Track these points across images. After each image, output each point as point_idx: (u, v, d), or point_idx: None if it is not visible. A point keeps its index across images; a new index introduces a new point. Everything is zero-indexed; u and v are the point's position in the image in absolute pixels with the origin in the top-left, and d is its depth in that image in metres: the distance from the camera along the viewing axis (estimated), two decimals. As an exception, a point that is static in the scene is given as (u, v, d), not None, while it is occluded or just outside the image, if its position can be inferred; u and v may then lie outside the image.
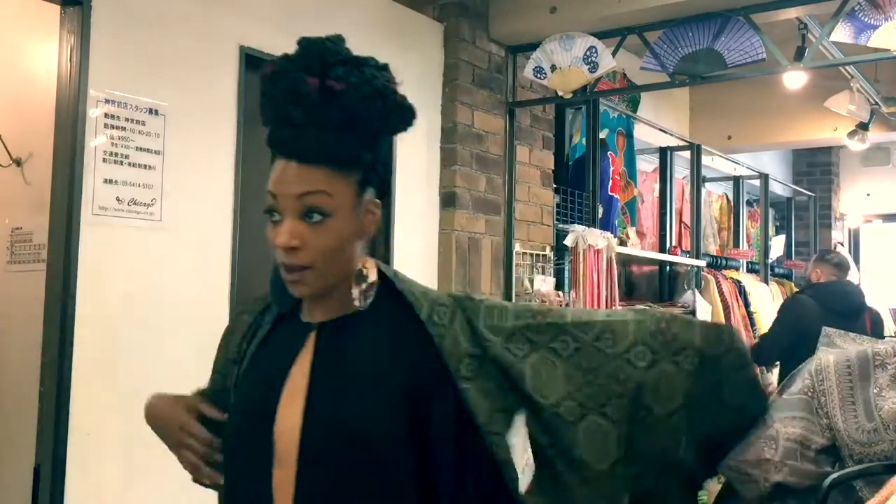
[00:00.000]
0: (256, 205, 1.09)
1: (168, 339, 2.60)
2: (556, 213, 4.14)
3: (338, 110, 1.02)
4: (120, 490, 2.50)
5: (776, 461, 1.25)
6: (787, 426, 1.26)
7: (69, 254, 2.39)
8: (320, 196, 1.04)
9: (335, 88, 1.02)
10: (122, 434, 2.45)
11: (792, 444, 1.25)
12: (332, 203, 1.04)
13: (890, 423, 1.21)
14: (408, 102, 1.10)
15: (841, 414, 1.24)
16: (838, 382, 1.27)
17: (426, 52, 3.65)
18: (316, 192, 1.04)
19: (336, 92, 1.02)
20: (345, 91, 1.02)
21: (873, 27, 3.18)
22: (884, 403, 1.23)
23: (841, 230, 8.03)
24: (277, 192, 1.05)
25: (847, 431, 1.23)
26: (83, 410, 2.40)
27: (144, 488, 2.51)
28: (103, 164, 2.49)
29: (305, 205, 1.04)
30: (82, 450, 2.40)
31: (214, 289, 2.74)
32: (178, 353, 2.57)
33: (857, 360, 1.29)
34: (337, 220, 1.05)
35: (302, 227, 1.04)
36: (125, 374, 2.49)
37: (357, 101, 1.03)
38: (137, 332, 2.54)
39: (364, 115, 1.04)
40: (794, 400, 1.30)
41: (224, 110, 2.81)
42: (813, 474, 1.23)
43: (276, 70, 1.05)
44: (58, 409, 2.36)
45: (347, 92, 1.02)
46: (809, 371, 1.32)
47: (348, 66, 1.04)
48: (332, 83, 1.02)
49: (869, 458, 1.21)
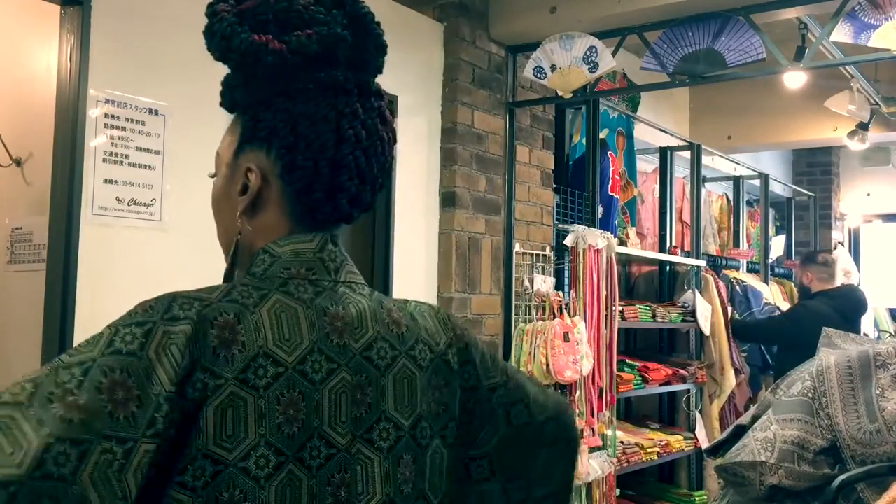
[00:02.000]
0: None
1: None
2: (556, 213, 4.14)
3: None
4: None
5: (771, 463, 1.25)
6: (785, 428, 1.26)
7: (69, 254, 2.39)
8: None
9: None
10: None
11: (789, 447, 1.25)
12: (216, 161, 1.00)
13: (893, 425, 1.21)
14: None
15: (842, 415, 1.24)
16: (839, 383, 1.27)
17: (426, 52, 3.65)
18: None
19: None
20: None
21: (873, 27, 3.18)
22: (886, 404, 1.23)
23: (841, 230, 8.03)
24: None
25: (848, 432, 1.23)
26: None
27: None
28: (103, 164, 2.49)
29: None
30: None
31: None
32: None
33: (858, 361, 1.28)
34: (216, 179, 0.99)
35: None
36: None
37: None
38: (137, 332, 2.53)
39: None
40: (794, 402, 1.30)
41: (224, 110, 2.80)
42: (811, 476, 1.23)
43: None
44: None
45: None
46: (810, 372, 1.32)
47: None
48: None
49: (871, 460, 1.20)
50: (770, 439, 1.26)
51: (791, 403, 1.31)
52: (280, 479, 0.80)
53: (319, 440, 0.83)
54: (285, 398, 0.81)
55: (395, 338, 0.94)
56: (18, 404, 0.69)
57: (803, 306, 4.93)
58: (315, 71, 0.91)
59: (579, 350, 3.74)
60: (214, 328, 0.79)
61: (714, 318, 5.01)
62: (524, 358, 3.70)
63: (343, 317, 0.89)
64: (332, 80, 0.92)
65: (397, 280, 3.41)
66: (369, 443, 0.88)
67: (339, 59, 0.92)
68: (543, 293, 3.86)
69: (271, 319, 0.83)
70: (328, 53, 0.91)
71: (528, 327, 3.75)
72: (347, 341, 0.89)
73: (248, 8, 0.91)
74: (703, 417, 4.96)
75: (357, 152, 0.92)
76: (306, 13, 0.90)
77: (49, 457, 0.67)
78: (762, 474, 1.23)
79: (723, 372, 5.01)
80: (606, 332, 4.03)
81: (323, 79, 0.91)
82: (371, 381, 0.89)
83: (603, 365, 3.97)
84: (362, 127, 0.93)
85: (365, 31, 0.95)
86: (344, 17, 0.93)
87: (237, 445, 0.78)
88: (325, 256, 0.92)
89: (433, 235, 3.64)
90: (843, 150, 7.55)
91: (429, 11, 3.74)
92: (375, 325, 0.92)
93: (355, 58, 0.94)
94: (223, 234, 0.99)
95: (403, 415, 0.92)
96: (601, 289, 4.00)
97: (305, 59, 0.90)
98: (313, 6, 0.92)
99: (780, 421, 1.28)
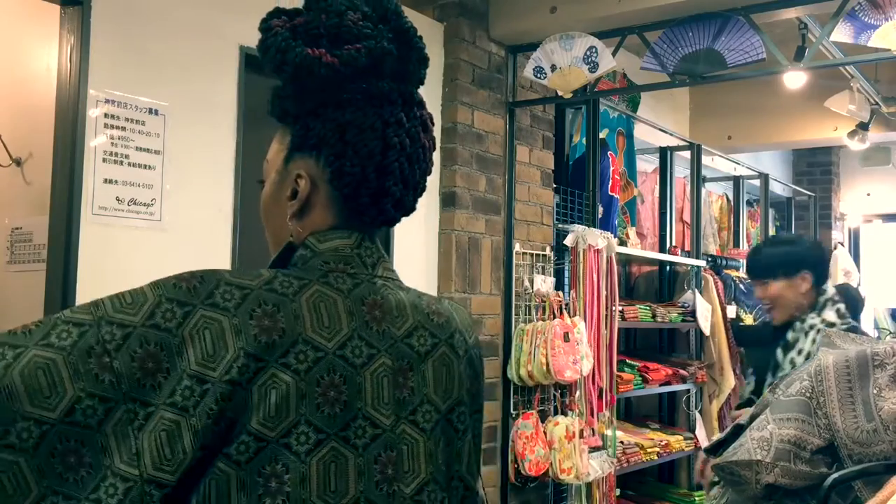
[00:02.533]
0: (256, 204, 1.08)
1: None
2: (556, 213, 4.14)
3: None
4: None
5: (767, 462, 1.25)
6: (782, 427, 1.26)
7: (69, 254, 2.39)
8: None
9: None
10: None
11: (786, 446, 1.25)
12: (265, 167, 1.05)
13: (890, 424, 1.21)
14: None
15: (840, 414, 1.24)
16: (837, 383, 1.27)
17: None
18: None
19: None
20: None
21: (873, 27, 3.18)
22: (883, 404, 1.23)
23: (841, 230, 8.03)
24: None
25: (846, 431, 1.23)
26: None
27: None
28: (103, 164, 2.49)
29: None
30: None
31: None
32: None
33: (856, 361, 1.28)
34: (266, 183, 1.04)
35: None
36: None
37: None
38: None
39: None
40: (792, 401, 1.30)
41: (224, 110, 2.81)
42: (808, 475, 1.23)
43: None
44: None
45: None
46: (809, 372, 1.32)
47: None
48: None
49: (868, 458, 1.20)
50: (766, 438, 1.26)
51: (789, 403, 1.31)
52: (322, 454, 0.86)
53: (364, 420, 0.90)
54: (325, 381, 0.87)
55: (435, 326, 1.00)
56: (62, 349, 0.79)
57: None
58: (362, 82, 0.97)
59: (579, 350, 3.74)
60: (254, 318, 0.85)
61: (714, 318, 5.01)
62: (524, 358, 3.70)
63: (381, 305, 0.96)
64: (379, 90, 0.97)
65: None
66: (413, 424, 0.94)
67: (385, 71, 0.98)
68: (543, 293, 3.86)
69: (310, 308, 0.90)
70: (375, 66, 0.97)
71: (528, 327, 3.75)
72: (388, 328, 0.95)
73: (300, 23, 0.97)
74: (703, 417, 4.96)
75: (402, 159, 0.98)
76: (355, 28, 0.96)
77: (79, 408, 0.78)
78: (758, 473, 1.23)
79: (722, 372, 5.02)
80: (606, 332, 4.03)
81: (370, 89, 0.97)
82: (412, 367, 0.96)
83: (603, 365, 3.98)
84: (406, 135, 0.98)
85: (409, 45, 1.01)
86: (389, 31, 0.99)
87: (279, 424, 0.84)
88: (362, 252, 0.98)
89: (433, 235, 3.64)
90: (843, 150, 7.56)
91: (429, 11, 3.74)
92: (416, 314, 0.99)
93: (399, 69, 1.00)
94: (272, 236, 1.04)
95: (442, 399, 0.98)
96: (601, 289, 4.00)
97: (355, 71, 0.95)
98: (362, 21, 0.97)
99: (777, 420, 1.28)
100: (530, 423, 3.69)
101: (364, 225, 0.99)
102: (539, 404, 3.85)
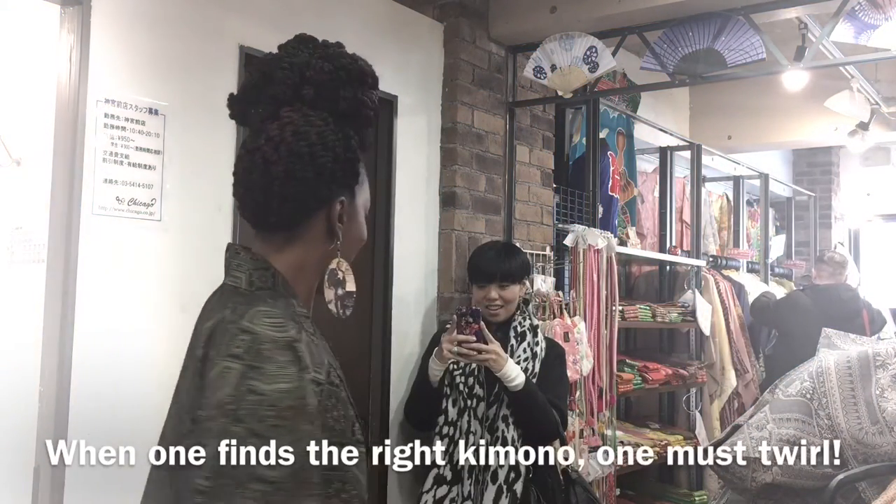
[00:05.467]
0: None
1: (168, 339, 2.60)
2: (556, 212, 4.14)
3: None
4: (120, 490, 2.50)
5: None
6: (781, 427, 1.26)
7: (69, 253, 2.39)
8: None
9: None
10: (122, 434, 2.45)
11: (784, 445, 1.25)
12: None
13: (894, 425, 1.21)
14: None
15: (843, 415, 1.24)
16: (839, 384, 1.27)
17: (426, 52, 3.65)
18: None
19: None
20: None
21: (873, 27, 3.18)
22: (887, 405, 1.23)
23: (841, 230, 8.03)
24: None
25: (850, 432, 1.23)
26: (83, 410, 2.40)
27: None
28: (103, 163, 2.49)
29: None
30: (82, 450, 2.39)
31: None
32: (178, 354, 2.56)
33: (857, 361, 1.28)
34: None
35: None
36: (125, 374, 2.49)
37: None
38: (137, 332, 2.53)
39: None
40: (791, 401, 1.30)
41: (224, 110, 2.78)
42: (810, 473, 1.23)
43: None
44: (58, 410, 2.35)
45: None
46: (809, 373, 1.32)
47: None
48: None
49: (873, 459, 1.20)
50: (766, 438, 1.26)
51: (788, 403, 1.31)
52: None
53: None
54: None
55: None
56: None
57: (788, 295, 5.21)
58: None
59: (579, 350, 3.74)
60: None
61: (714, 318, 5.01)
62: (524, 358, 3.70)
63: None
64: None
65: (397, 280, 3.41)
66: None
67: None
68: (543, 293, 3.85)
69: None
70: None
71: (528, 327, 3.74)
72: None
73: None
74: (703, 417, 4.96)
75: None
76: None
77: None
78: (754, 471, 1.23)
79: (723, 372, 5.02)
80: (606, 332, 4.03)
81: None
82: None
83: (603, 365, 3.98)
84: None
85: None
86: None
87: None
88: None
89: (433, 235, 3.64)
90: (843, 150, 7.55)
91: (429, 11, 3.74)
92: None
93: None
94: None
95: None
96: (601, 289, 4.00)
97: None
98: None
99: (776, 420, 1.28)
100: (530, 423, 3.69)
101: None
102: (539, 404, 3.84)
